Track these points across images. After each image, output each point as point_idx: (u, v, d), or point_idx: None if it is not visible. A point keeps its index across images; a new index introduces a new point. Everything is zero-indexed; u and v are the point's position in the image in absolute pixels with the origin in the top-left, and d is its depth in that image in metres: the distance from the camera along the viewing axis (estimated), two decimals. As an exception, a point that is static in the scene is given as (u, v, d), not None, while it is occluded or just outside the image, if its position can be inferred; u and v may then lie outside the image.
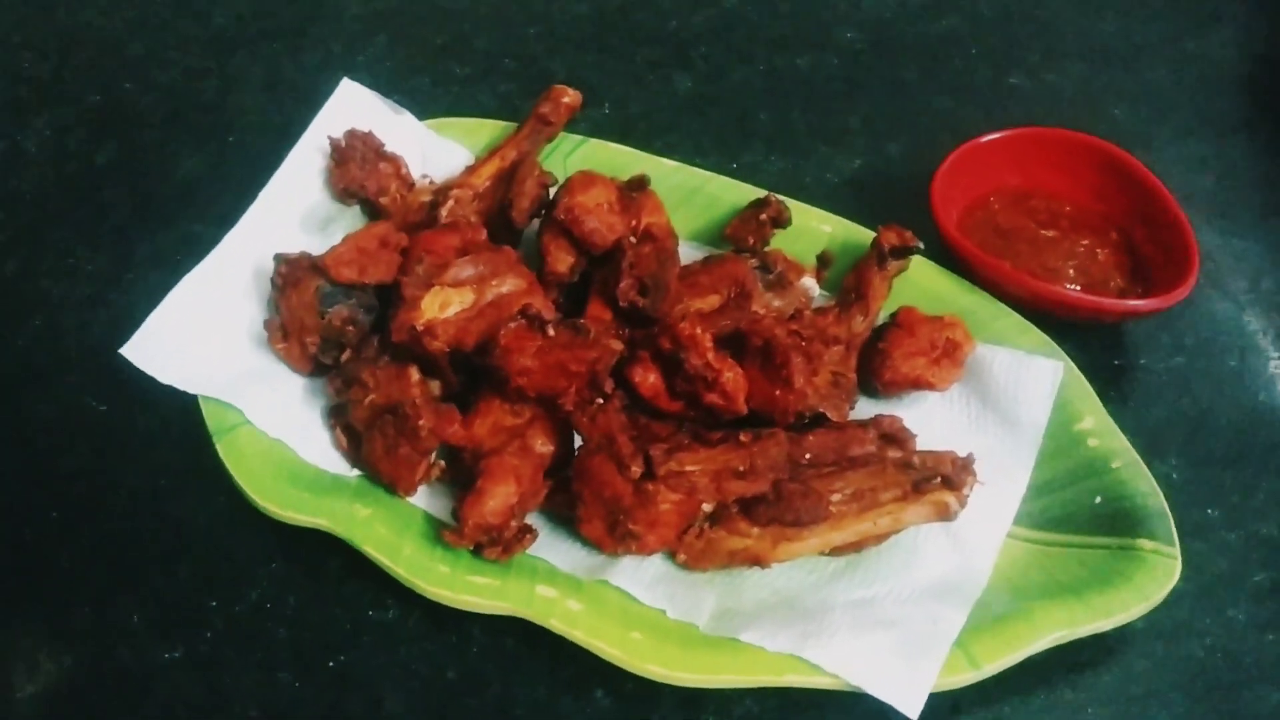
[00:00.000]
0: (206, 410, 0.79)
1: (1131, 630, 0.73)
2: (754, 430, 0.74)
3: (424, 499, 0.79)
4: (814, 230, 0.90)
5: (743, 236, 0.88)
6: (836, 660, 0.68)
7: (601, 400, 0.75)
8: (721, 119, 1.07)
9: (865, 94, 1.09)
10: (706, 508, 0.74)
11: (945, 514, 0.74)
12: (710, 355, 0.74)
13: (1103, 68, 1.12)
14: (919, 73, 1.11)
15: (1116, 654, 0.74)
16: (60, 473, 0.83)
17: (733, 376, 0.76)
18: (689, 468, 0.73)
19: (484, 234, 0.83)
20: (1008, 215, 0.92)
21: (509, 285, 0.81)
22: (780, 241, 0.89)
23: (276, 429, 0.79)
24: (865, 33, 1.15)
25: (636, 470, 0.72)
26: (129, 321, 0.81)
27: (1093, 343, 0.89)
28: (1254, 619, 0.76)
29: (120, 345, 0.80)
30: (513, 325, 0.76)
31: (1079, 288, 0.87)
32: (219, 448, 0.78)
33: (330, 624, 0.76)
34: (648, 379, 0.76)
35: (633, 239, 0.82)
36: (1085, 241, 0.90)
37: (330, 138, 0.91)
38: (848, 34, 1.14)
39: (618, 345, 0.76)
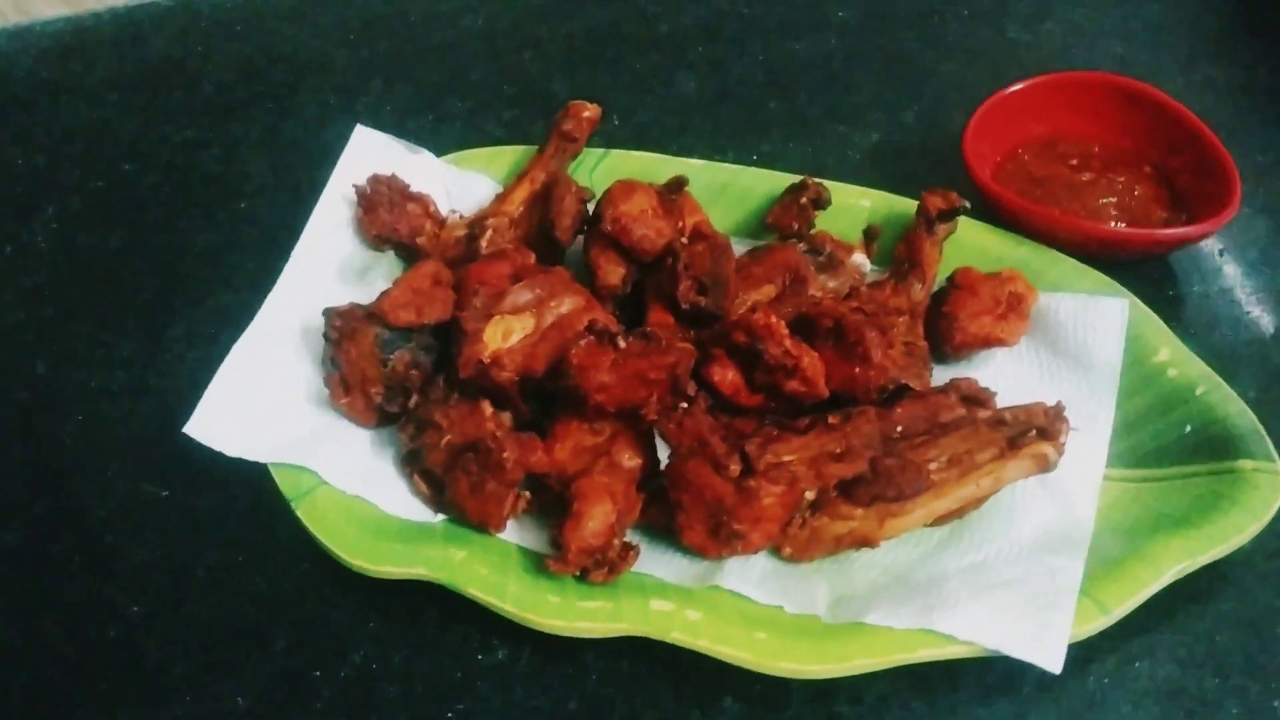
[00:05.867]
0: (279, 477, 0.77)
1: (1239, 552, 0.72)
2: (842, 411, 0.74)
3: (514, 534, 0.77)
4: (853, 206, 0.90)
5: (786, 223, 0.88)
6: (968, 627, 0.67)
7: (686, 404, 0.74)
8: (732, 114, 1.06)
9: (869, 69, 1.08)
10: (809, 495, 0.72)
11: (1045, 465, 0.73)
12: (788, 343, 0.73)
13: (1097, 9, 1.12)
14: (918, 41, 1.11)
15: (1230, 578, 0.73)
16: (132, 565, 0.81)
17: (811, 361, 0.75)
18: (785, 458, 0.72)
19: (533, 258, 0.82)
20: (1040, 164, 0.92)
21: (568, 304, 0.79)
22: (821, 222, 0.89)
23: (354, 485, 0.77)
24: (857, 9, 1.14)
25: (735, 469, 0.71)
26: (175, 402, 0.79)
27: (1140, 277, 0.88)
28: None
29: (167, 427, 0.78)
30: (583, 343, 0.74)
31: (1124, 225, 0.87)
32: (299, 512, 0.75)
33: (440, 674, 0.74)
34: (726, 376, 0.75)
35: (683, 240, 0.81)
36: (1121, 179, 0.90)
37: (355, 185, 0.90)
38: (839, 13, 1.14)
39: (691, 347, 0.75)
